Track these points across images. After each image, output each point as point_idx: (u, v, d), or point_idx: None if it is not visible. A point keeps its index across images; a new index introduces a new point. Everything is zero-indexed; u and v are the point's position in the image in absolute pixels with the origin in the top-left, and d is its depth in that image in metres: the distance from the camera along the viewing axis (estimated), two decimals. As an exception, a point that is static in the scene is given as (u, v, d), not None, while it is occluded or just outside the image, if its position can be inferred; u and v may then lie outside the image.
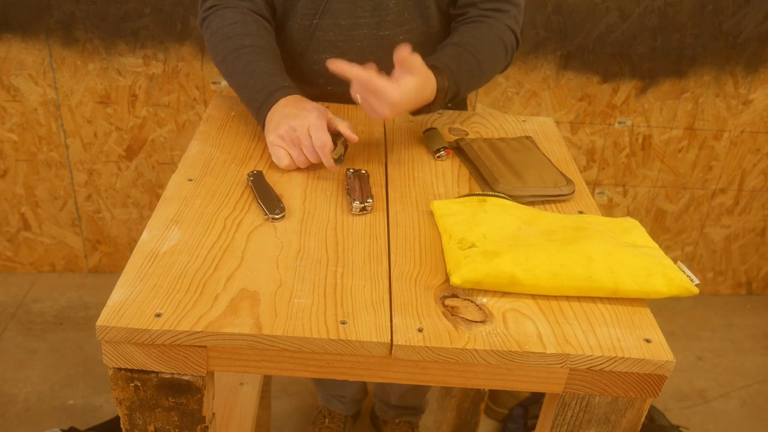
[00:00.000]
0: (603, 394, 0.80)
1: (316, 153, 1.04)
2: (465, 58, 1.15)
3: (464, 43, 1.17)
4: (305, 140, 1.03)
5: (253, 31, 1.16)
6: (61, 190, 2.27)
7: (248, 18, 1.17)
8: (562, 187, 1.04)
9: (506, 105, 2.19)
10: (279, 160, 1.06)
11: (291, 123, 1.04)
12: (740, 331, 2.42)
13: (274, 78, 1.12)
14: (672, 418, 2.03)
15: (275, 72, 1.13)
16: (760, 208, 2.42)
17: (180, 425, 0.81)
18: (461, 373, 0.78)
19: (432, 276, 0.86)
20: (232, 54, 1.14)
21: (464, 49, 1.16)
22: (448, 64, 1.12)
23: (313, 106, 1.06)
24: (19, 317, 2.22)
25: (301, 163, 1.06)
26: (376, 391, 1.88)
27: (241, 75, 1.13)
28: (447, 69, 1.11)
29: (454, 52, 1.15)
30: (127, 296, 0.78)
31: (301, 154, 1.05)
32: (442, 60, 1.13)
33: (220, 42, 1.16)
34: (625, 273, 0.82)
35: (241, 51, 1.13)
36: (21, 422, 1.87)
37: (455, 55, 1.15)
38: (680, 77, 2.16)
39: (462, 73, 1.13)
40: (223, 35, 1.16)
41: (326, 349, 0.76)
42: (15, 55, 2.04)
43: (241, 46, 1.14)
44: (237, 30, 1.15)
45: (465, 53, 1.15)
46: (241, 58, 1.13)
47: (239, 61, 1.13)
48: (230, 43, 1.15)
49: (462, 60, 1.14)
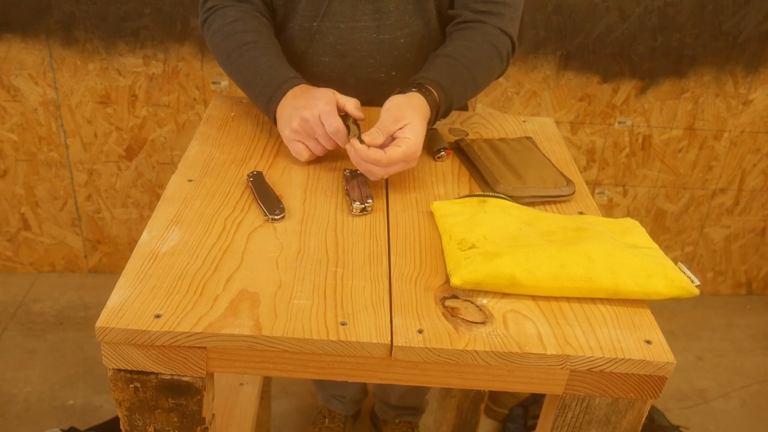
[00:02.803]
0: (603, 395, 0.80)
1: (332, 139, 1.04)
2: (458, 71, 1.12)
3: (457, 54, 1.13)
4: (319, 129, 1.04)
5: (253, 27, 1.16)
6: (61, 190, 2.27)
7: (248, 15, 1.17)
8: (562, 188, 1.04)
9: (506, 105, 2.19)
10: (299, 154, 1.07)
11: (302, 114, 1.04)
12: (740, 331, 2.42)
13: (279, 71, 1.11)
14: (672, 418, 2.03)
15: (279, 65, 1.12)
16: (760, 208, 2.42)
17: (180, 426, 0.81)
18: (461, 375, 0.78)
19: (432, 277, 0.86)
20: (235, 52, 1.14)
21: (456, 60, 1.12)
22: (439, 81, 1.09)
23: (321, 93, 1.05)
24: (19, 317, 2.22)
25: (319, 152, 1.07)
26: (376, 391, 1.88)
27: (245, 72, 1.13)
28: (437, 87, 1.08)
29: (445, 65, 1.12)
30: (126, 297, 0.78)
31: (317, 144, 1.06)
32: (433, 76, 1.10)
33: (222, 41, 1.16)
34: (626, 274, 0.82)
35: (243, 48, 1.13)
36: (21, 422, 1.87)
37: (447, 68, 1.12)
38: (680, 77, 2.16)
39: (454, 87, 1.11)
40: (224, 34, 1.16)
41: (326, 350, 0.76)
42: (15, 55, 2.04)
43: (243, 43, 1.14)
44: (237, 27, 1.15)
45: (457, 65, 1.12)
46: (244, 55, 1.13)
47: (243, 58, 1.13)
48: (232, 41, 1.15)
49: (455, 73, 1.12)
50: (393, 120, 0.99)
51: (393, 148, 0.98)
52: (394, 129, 0.99)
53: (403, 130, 0.99)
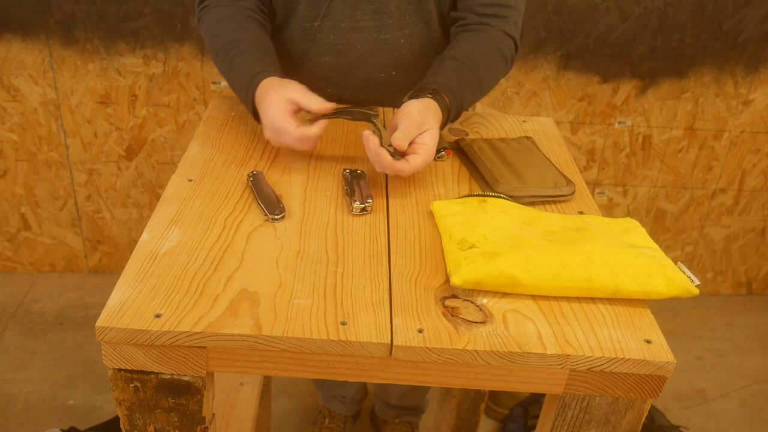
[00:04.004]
0: (603, 395, 0.80)
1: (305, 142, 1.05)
2: (465, 75, 1.13)
3: (463, 57, 1.14)
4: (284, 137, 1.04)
5: (237, 26, 1.15)
6: (61, 190, 2.27)
7: (235, 14, 1.17)
8: (562, 188, 1.04)
9: (506, 105, 2.19)
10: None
11: (264, 130, 1.06)
12: (740, 331, 2.42)
13: (248, 69, 1.11)
14: (672, 418, 2.03)
15: (251, 62, 1.12)
16: (760, 208, 2.42)
17: (180, 426, 0.81)
18: (461, 374, 0.78)
19: (432, 277, 0.86)
20: (220, 53, 1.15)
21: (463, 64, 1.13)
22: (449, 87, 1.10)
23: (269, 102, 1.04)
24: (19, 317, 2.22)
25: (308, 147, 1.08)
26: (377, 392, 1.88)
27: (227, 74, 1.15)
28: (449, 93, 1.09)
29: (454, 69, 1.12)
30: (126, 297, 0.78)
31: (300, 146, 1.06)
32: (443, 81, 1.10)
33: (210, 40, 1.17)
34: (626, 274, 0.82)
35: (226, 49, 1.14)
36: (21, 422, 1.87)
37: (455, 73, 1.12)
38: (680, 77, 2.16)
39: (463, 92, 1.12)
40: (212, 33, 1.16)
41: (326, 350, 0.76)
42: (15, 55, 2.04)
43: (226, 43, 1.14)
44: (222, 26, 1.16)
45: (465, 69, 1.13)
46: (227, 56, 1.14)
47: (225, 59, 1.14)
48: (217, 41, 1.15)
49: (463, 78, 1.12)
50: (416, 126, 1.00)
51: (414, 157, 0.99)
52: (416, 134, 1.00)
53: (422, 135, 1.00)
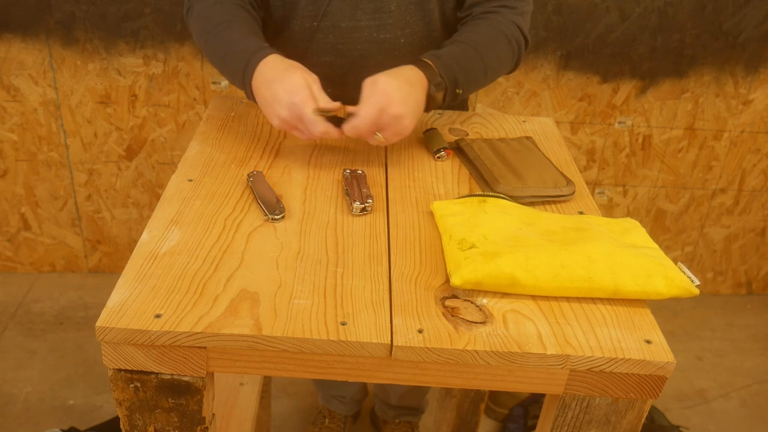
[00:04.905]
0: (603, 395, 0.80)
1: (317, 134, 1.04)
2: (459, 48, 1.12)
3: (458, 37, 1.15)
4: (301, 125, 1.04)
5: (230, 10, 1.15)
6: (61, 190, 2.27)
7: (226, 1, 1.17)
8: (562, 188, 1.04)
9: (506, 105, 2.19)
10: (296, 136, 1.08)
11: (279, 114, 1.03)
12: (740, 331, 2.42)
13: (250, 42, 1.10)
14: (672, 418, 2.03)
15: (251, 38, 1.11)
16: (760, 208, 2.42)
17: (180, 426, 0.81)
18: (461, 374, 0.78)
19: (432, 277, 0.86)
20: (212, 32, 1.14)
21: (456, 41, 1.13)
22: (436, 54, 1.10)
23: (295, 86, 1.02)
24: (19, 317, 2.22)
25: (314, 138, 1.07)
26: (377, 391, 1.88)
27: (220, 49, 1.13)
28: (432, 57, 1.09)
29: (446, 45, 1.14)
30: (126, 297, 0.78)
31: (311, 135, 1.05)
32: (430, 53, 1.11)
33: (199, 24, 1.16)
34: (626, 274, 0.82)
35: (219, 27, 1.13)
36: (21, 422, 1.87)
37: (446, 46, 1.13)
38: (680, 77, 2.16)
39: (455, 58, 1.10)
40: (203, 17, 1.16)
41: (326, 350, 0.76)
42: (15, 55, 2.04)
43: (219, 23, 1.13)
44: (215, 10, 1.15)
45: (458, 43, 1.13)
46: (219, 34, 1.13)
47: (218, 37, 1.13)
48: (208, 22, 1.15)
49: (456, 49, 1.12)
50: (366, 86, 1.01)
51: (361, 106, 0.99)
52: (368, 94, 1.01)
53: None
